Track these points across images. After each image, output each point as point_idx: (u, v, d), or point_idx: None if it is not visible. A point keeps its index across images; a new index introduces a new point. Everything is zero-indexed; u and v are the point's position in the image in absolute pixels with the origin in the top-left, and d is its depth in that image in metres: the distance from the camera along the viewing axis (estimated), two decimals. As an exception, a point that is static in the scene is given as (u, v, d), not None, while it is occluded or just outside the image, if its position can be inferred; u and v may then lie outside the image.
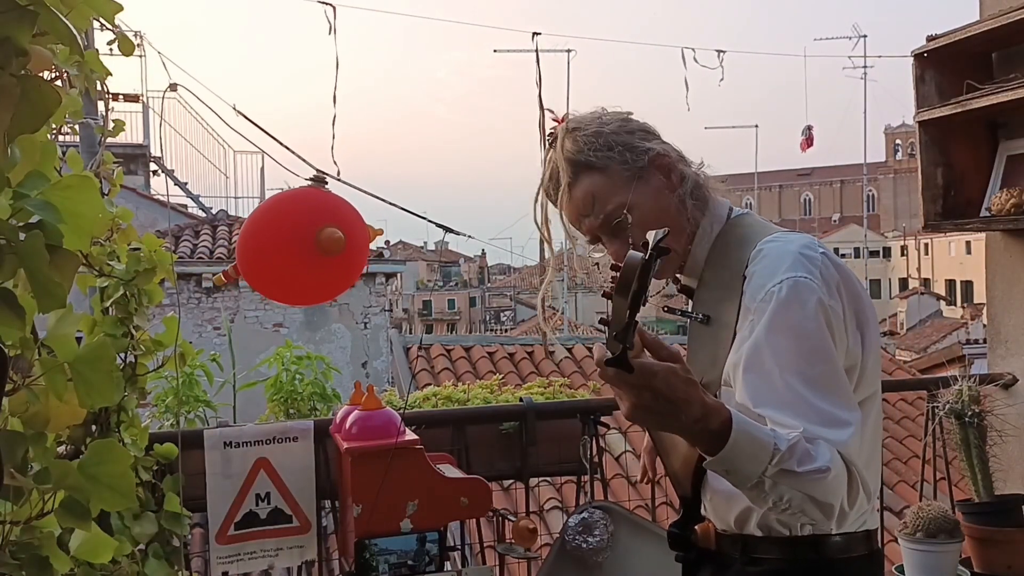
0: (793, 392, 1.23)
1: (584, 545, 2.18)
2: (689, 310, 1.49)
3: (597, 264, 1.60)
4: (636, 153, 1.44)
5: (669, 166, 1.45)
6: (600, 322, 1.10)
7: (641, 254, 1.06)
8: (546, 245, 1.55)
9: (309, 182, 1.97)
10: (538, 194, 1.53)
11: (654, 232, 1.07)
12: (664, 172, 1.45)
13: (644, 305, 1.08)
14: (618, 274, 1.06)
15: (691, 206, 1.45)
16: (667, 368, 1.13)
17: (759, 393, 1.26)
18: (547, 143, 1.51)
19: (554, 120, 1.52)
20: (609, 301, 1.07)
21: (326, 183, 1.97)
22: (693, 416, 1.14)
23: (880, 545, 1.44)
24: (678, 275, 1.53)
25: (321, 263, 1.87)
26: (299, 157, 1.99)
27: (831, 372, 1.26)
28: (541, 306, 1.64)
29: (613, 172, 1.43)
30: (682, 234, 1.45)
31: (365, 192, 2.16)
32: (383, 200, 2.24)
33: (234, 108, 2.23)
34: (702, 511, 1.45)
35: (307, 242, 1.85)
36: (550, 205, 1.52)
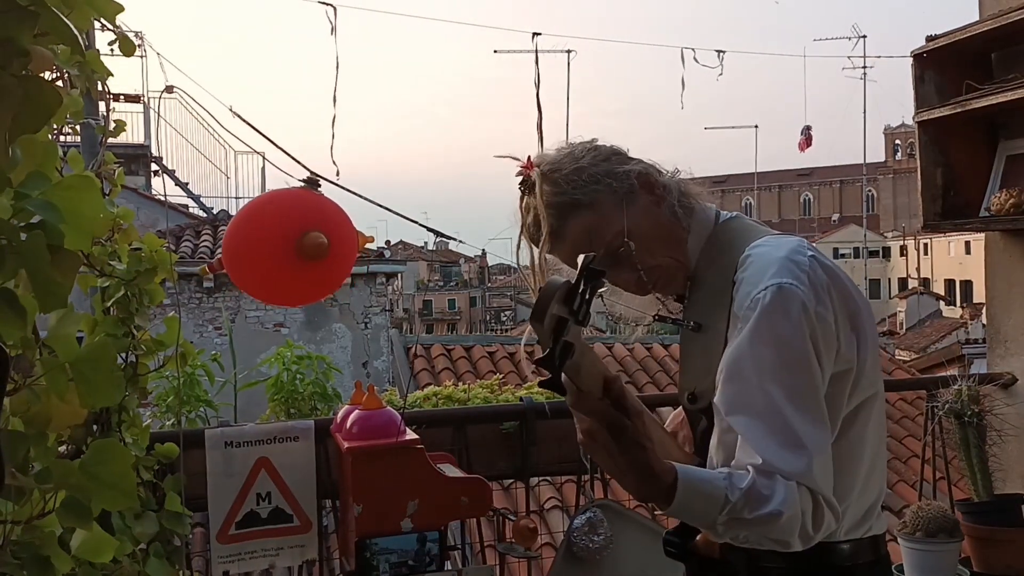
0: (768, 400, 1.23)
1: (591, 545, 2.18)
2: (681, 318, 1.48)
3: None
4: (619, 178, 1.42)
5: (652, 182, 1.44)
6: (539, 343, 1.10)
7: (564, 280, 1.06)
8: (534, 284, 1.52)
9: (302, 184, 1.97)
10: (519, 242, 1.49)
11: (582, 256, 1.07)
12: (648, 189, 1.43)
13: (585, 326, 1.07)
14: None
15: (682, 215, 1.44)
16: (615, 419, 1.15)
17: (734, 401, 1.26)
18: (521, 190, 1.47)
19: (523, 166, 1.48)
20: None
21: (319, 186, 1.97)
22: (634, 474, 1.18)
23: (886, 550, 1.42)
24: None
25: (304, 266, 1.87)
26: (294, 159, 1.99)
27: (808, 385, 1.25)
28: (523, 348, 1.63)
29: (602, 204, 1.41)
30: (681, 244, 1.44)
31: (361, 196, 2.16)
32: (378, 204, 2.24)
33: (231, 110, 2.22)
34: None
35: (290, 245, 1.84)
36: (532, 251, 1.48)
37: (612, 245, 1.40)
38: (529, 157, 1.48)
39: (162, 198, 11.96)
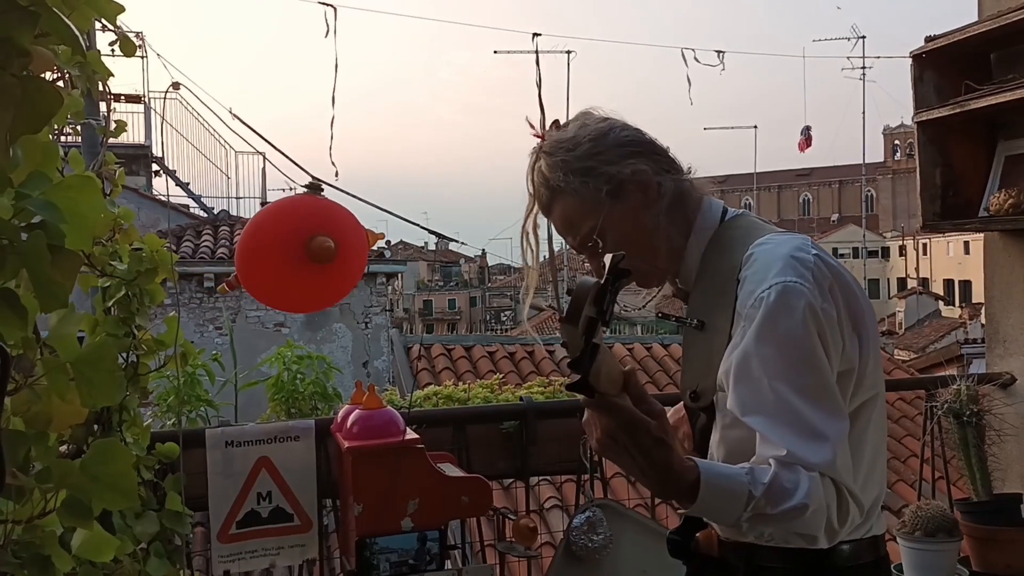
0: (781, 400, 1.22)
1: (590, 544, 2.19)
2: (684, 315, 1.47)
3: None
4: (605, 178, 1.41)
5: (646, 182, 1.42)
6: (562, 345, 1.10)
7: (595, 280, 1.06)
8: (529, 256, 1.52)
9: (304, 189, 1.98)
10: (531, 206, 1.50)
11: (610, 255, 1.07)
12: (641, 188, 1.42)
13: (607, 327, 1.07)
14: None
15: (669, 221, 1.43)
16: (637, 420, 1.14)
17: (747, 402, 1.26)
18: (530, 155, 1.49)
19: (535, 135, 1.49)
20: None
21: (322, 190, 1.97)
22: (655, 475, 1.17)
23: (886, 550, 1.42)
24: (676, 279, 1.52)
25: (316, 271, 1.87)
26: (293, 162, 1.99)
27: (819, 380, 1.24)
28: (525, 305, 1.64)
29: (585, 196, 1.42)
30: (656, 252, 1.44)
31: (358, 199, 2.17)
32: (376, 207, 2.24)
33: (231, 112, 2.23)
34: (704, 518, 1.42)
35: (299, 251, 1.85)
36: (532, 222, 1.51)
37: (585, 238, 1.43)
38: (553, 123, 1.50)
39: (163, 198, 11.96)
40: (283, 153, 1.98)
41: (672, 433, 1.19)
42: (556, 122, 1.50)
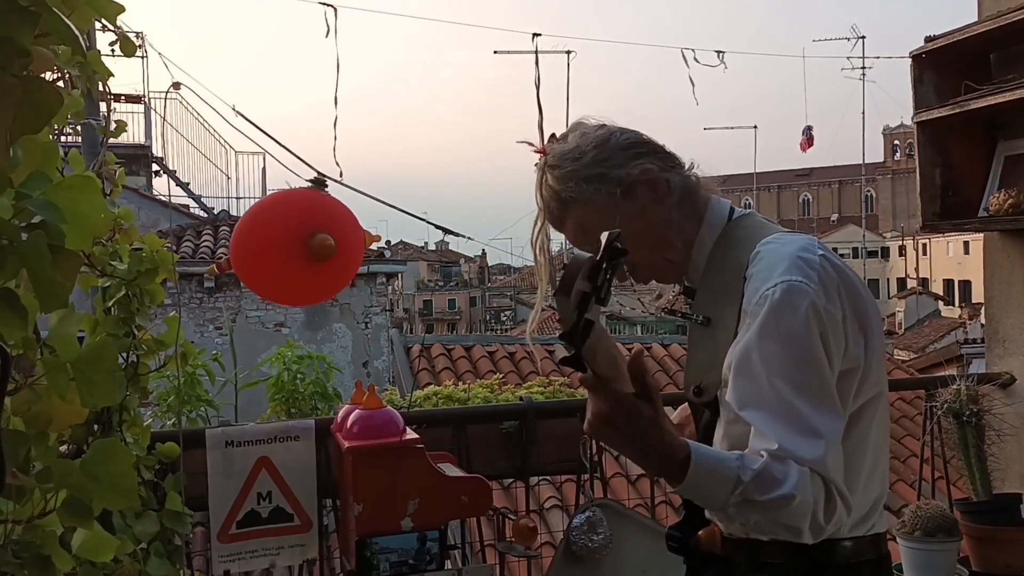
0: (778, 395, 1.24)
1: (590, 544, 2.19)
2: (690, 312, 1.49)
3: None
4: (614, 182, 1.43)
5: (654, 181, 1.44)
6: (558, 321, 1.11)
7: (590, 254, 1.06)
8: (543, 271, 1.54)
9: (309, 184, 1.97)
10: (537, 221, 1.52)
11: (605, 233, 1.07)
12: (650, 187, 1.44)
13: (604, 306, 1.08)
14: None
15: (681, 216, 1.45)
16: (632, 404, 1.18)
17: (745, 396, 1.27)
18: (535, 171, 1.51)
19: (537, 152, 1.51)
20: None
21: (326, 186, 1.97)
22: (648, 454, 1.21)
23: (887, 549, 1.43)
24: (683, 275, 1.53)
25: (312, 267, 1.87)
26: (298, 157, 2.00)
27: (818, 379, 1.26)
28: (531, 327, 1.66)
29: (596, 202, 1.43)
30: (671, 246, 1.46)
31: (365, 194, 2.17)
32: (382, 202, 2.25)
33: (233, 109, 2.23)
34: (707, 514, 1.42)
35: (298, 246, 1.85)
36: (542, 237, 1.54)
37: None
38: (551, 137, 1.51)
39: (163, 198, 11.97)
40: (288, 149, 1.99)
41: (663, 413, 1.22)
42: (553, 135, 1.52)
